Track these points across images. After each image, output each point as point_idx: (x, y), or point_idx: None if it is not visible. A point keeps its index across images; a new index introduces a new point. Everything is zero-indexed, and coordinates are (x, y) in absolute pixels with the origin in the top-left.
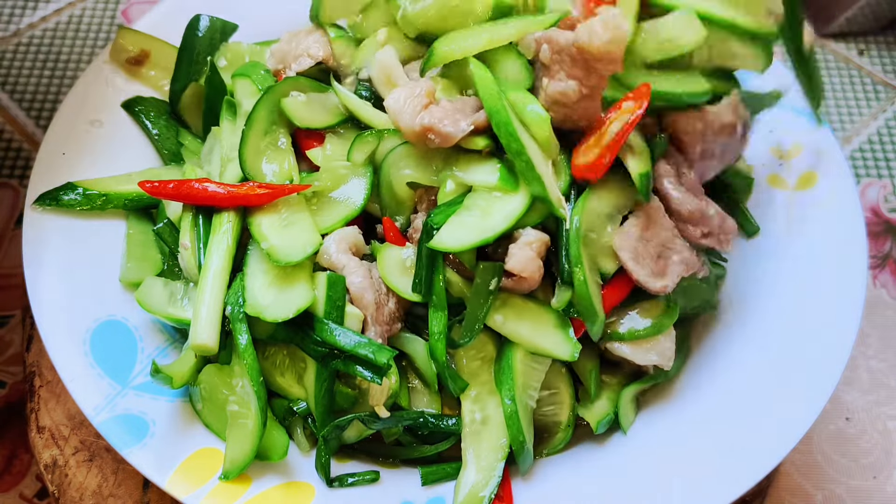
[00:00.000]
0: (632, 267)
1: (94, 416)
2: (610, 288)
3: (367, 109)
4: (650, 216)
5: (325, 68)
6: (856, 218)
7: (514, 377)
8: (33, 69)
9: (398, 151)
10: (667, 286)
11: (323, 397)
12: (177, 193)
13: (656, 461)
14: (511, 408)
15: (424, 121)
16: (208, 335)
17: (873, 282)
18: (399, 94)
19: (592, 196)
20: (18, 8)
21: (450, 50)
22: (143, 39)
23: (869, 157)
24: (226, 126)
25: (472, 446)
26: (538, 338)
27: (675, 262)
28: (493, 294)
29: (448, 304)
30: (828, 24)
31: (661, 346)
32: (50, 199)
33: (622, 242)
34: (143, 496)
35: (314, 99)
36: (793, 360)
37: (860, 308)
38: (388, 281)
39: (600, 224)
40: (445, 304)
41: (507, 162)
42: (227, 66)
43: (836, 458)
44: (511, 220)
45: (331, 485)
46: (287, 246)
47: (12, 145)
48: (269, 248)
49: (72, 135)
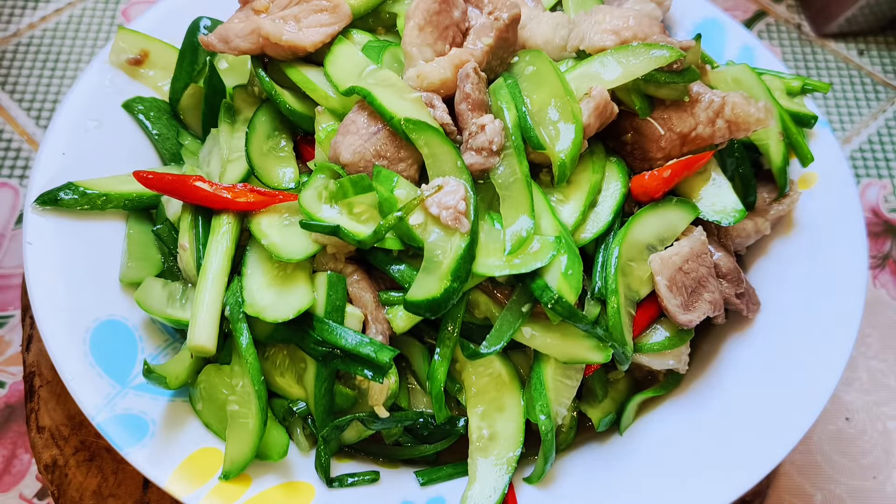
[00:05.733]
0: (664, 294)
1: (94, 416)
2: (638, 311)
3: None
4: (694, 249)
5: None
6: (856, 218)
7: (546, 393)
8: (33, 69)
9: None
10: (692, 321)
11: (323, 397)
12: (173, 188)
13: (657, 461)
14: (547, 424)
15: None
16: (206, 337)
17: (873, 282)
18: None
19: (636, 225)
20: (18, 8)
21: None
22: (143, 39)
23: (869, 157)
24: (224, 129)
25: (480, 462)
26: (569, 347)
27: (705, 301)
28: (524, 316)
29: (472, 325)
30: (828, 24)
31: (678, 352)
32: (50, 199)
33: (662, 268)
34: (143, 496)
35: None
36: (793, 360)
37: (860, 308)
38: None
39: (640, 255)
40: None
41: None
42: (227, 68)
43: (836, 458)
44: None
45: (330, 485)
46: (288, 243)
47: (12, 145)
48: (270, 245)
49: (72, 135)
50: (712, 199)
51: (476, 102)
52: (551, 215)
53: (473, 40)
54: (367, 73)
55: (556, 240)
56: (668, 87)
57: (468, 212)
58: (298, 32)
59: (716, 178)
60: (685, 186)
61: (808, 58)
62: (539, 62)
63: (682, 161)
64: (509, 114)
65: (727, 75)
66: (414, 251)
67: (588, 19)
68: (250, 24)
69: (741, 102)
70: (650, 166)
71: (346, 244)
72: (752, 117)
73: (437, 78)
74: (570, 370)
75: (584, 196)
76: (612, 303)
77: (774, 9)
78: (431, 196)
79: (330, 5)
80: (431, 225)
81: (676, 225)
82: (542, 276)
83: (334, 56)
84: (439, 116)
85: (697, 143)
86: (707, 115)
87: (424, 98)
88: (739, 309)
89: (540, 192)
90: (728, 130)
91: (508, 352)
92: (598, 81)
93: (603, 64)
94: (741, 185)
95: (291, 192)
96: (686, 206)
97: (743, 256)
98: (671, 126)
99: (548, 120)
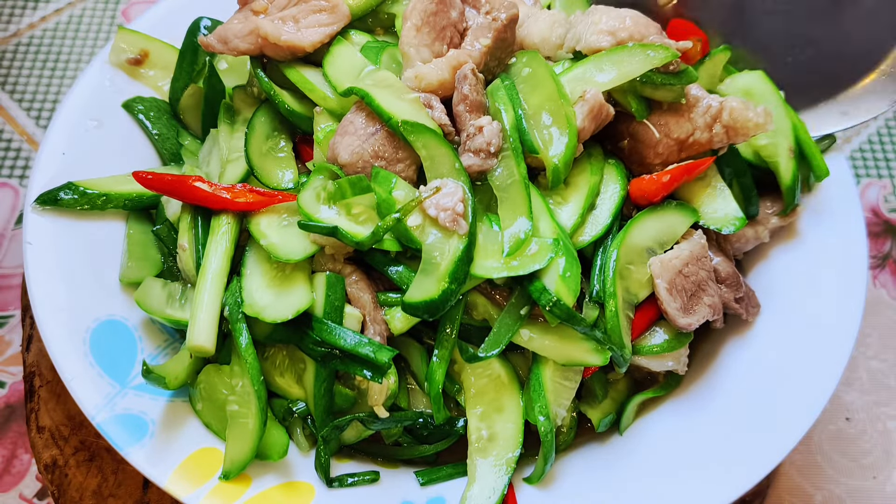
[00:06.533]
0: (664, 296)
1: (94, 416)
2: (637, 313)
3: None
4: (694, 253)
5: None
6: (856, 218)
7: (545, 395)
8: (33, 69)
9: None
10: (691, 324)
11: (322, 397)
12: (172, 189)
13: (657, 461)
14: (546, 425)
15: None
16: (205, 337)
17: (873, 282)
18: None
19: (635, 228)
20: (18, 8)
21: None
22: (143, 39)
23: (869, 157)
24: (223, 129)
25: (479, 463)
26: (568, 350)
27: (705, 304)
28: (522, 319)
29: (470, 327)
30: None
31: (677, 353)
32: (50, 199)
33: (662, 271)
34: (143, 496)
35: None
36: (793, 360)
37: (860, 308)
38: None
39: (638, 258)
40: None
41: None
42: (227, 69)
43: (836, 458)
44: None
45: (330, 485)
46: (287, 243)
47: (12, 145)
48: (269, 245)
49: (72, 135)
50: (713, 205)
51: (474, 104)
52: (549, 217)
53: (471, 41)
54: (365, 73)
55: (554, 242)
56: (665, 88)
57: (466, 213)
58: (297, 33)
59: (717, 185)
60: (685, 192)
61: None
62: (535, 64)
63: (682, 166)
64: (507, 116)
65: (738, 84)
66: (412, 253)
67: (584, 20)
68: (249, 24)
69: (739, 107)
70: (648, 171)
71: (345, 245)
72: (751, 122)
73: (436, 79)
74: (569, 371)
75: (582, 198)
76: (611, 306)
77: None
78: (429, 198)
79: (328, 5)
80: (429, 226)
81: (676, 228)
82: (540, 278)
83: (333, 56)
84: (437, 117)
85: (695, 148)
86: (705, 120)
87: (422, 99)
88: (739, 313)
89: (538, 194)
90: (726, 136)
91: (507, 353)
92: (594, 83)
93: (598, 65)
94: (742, 196)
95: (290, 193)
96: (686, 209)
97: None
98: (668, 131)
99: (542, 124)
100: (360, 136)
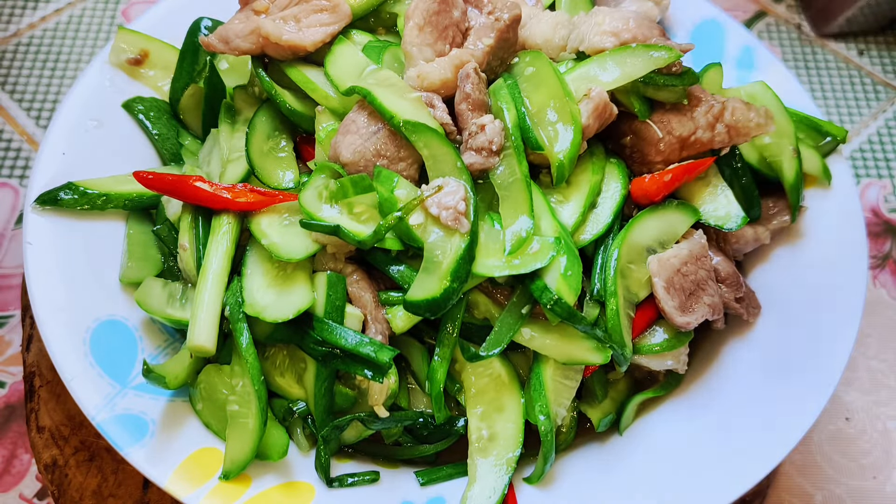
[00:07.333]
0: (661, 295)
1: (94, 416)
2: (638, 312)
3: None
4: (693, 252)
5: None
6: (856, 218)
7: (546, 394)
8: (33, 69)
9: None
10: (689, 323)
11: (322, 397)
12: (173, 189)
13: (657, 461)
14: (547, 424)
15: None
16: (206, 337)
17: (873, 282)
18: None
19: (636, 227)
20: (18, 8)
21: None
22: (143, 39)
23: (869, 157)
24: (224, 129)
25: (479, 463)
26: (568, 348)
27: (704, 304)
28: (524, 318)
29: (471, 326)
30: (828, 24)
31: (677, 353)
32: (50, 199)
33: (660, 270)
34: (143, 496)
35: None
36: (793, 360)
37: (860, 308)
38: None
39: (639, 257)
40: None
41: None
42: (228, 68)
43: (835, 458)
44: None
45: (330, 485)
46: (288, 243)
47: (12, 145)
48: (270, 245)
49: (72, 135)
50: (714, 204)
51: (476, 103)
52: (551, 216)
53: (474, 41)
54: (367, 72)
55: (555, 241)
56: (667, 89)
57: (468, 212)
58: (298, 32)
59: (718, 185)
60: (686, 192)
61: (808, 58)
62: (539, 63)
63: (683, 165)
64: (509, 114)
65: (741, 93)
66: (414, 251)
67: (588, 21)
68: (250, 24)
69: (741, 107)
70: (649, 170)
71: (346, 244)
72: (752, 122)
73: (438, 78)
74: (570, 371)
75: (583, 197)
76: (611, 304)
77: (774, 9)
78: (431, 196)
79: (330, 5)
80: (431, 225)
81: (677, 228)
82: (541, 276)
83: (334, 56)
84: (439, 116)
85: (697, 147)
86: (707, 119)
87: (424, 98)
88: (739, 313)
89: (540, 192)
90: (728, 136)
91: (508, 352)
92: (597, 83)
93: (602, 65)
94: (743, 197)
95: (291, 192)
96: (687, 209)
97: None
98: (670, 130)
99: (547, 121)
100: (362, 135)
